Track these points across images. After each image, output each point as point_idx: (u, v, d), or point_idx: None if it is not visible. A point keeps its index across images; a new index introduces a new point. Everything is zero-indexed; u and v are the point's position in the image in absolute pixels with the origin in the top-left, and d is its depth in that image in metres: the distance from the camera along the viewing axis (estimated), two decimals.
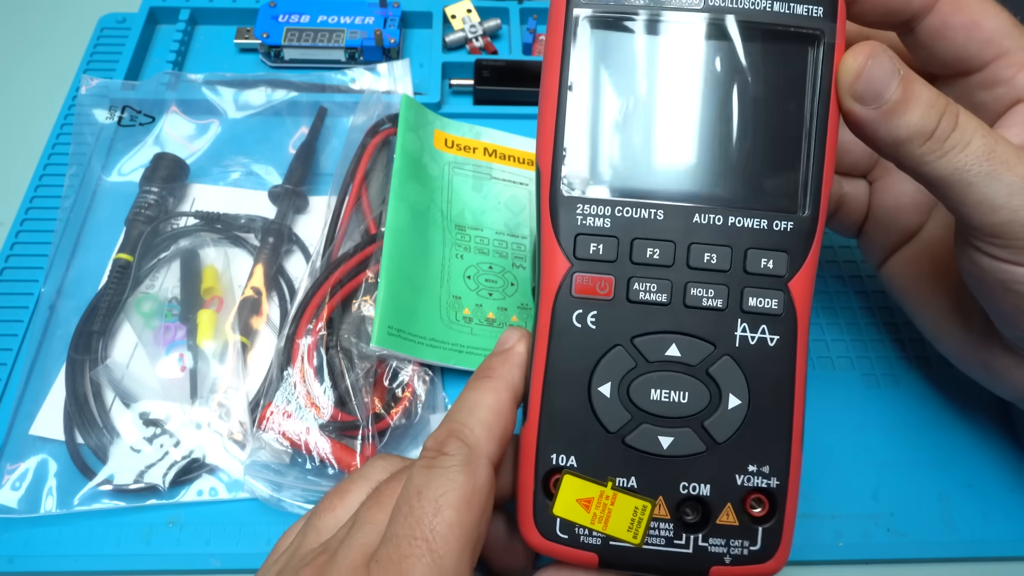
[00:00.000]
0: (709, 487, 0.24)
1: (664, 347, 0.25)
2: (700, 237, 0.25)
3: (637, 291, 0.25)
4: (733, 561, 0.24)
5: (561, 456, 0.25)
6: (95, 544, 0.32)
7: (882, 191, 0.34)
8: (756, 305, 0.25)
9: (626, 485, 0.25)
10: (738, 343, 0.25)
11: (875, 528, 0.33)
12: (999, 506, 0.34)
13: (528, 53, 0.50)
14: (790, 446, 0.25)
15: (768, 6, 0.25)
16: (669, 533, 0.24)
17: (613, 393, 0.25)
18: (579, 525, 0.25)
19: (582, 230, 0.25)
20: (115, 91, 0.46)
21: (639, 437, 0.25)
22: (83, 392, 0.35)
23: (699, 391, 0.25)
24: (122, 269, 0.38)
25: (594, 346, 0.25)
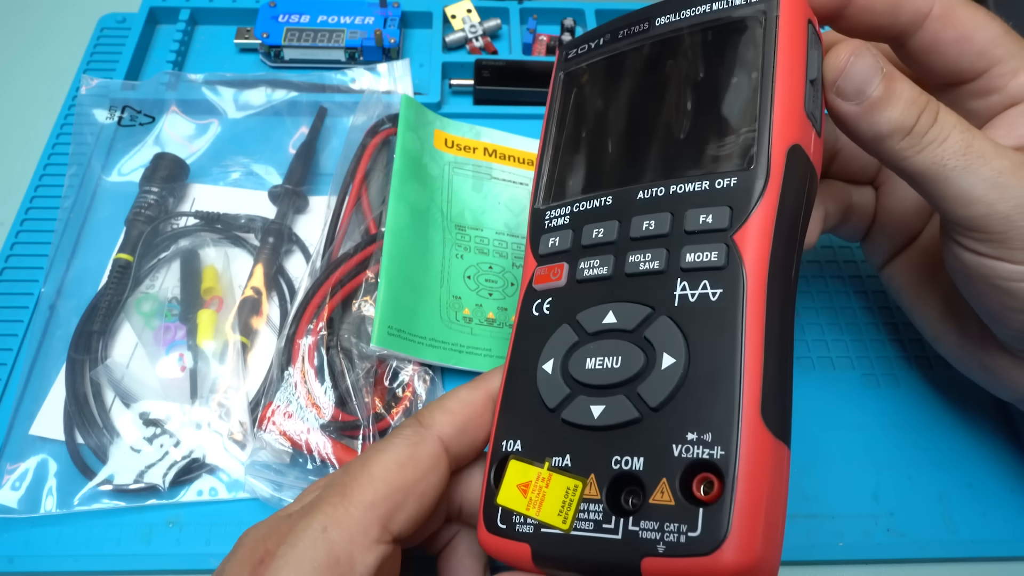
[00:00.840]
0: (642, 460, 0.21)
1: (601, 316, 0.24)
2: (641, 209, 0.25)
3: (582, 270, 0.25)
4: (668, 550, 0.20)
5: (509, 441, 0.24)
6: (95, 544, 0.32)
7: (887, 196, 0.34)
8: (694, 260, 0.23)
9: (561, 464, 0.23)
10: (677, 302, 0.23)
11: (875, 528, 0.33)
12: (999, 506, 0.34)
13: (528, 53, 0.50)
14: (737, 410, 0.21)
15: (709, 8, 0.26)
16: (598, 516, 0.21)
17: (555, 369, 0.24)
18: (516, 512, 0.23)
19: (545, 230, 0.27)
20: (115, 91, 0.46)
21: (573, 410, 0.23)
22: (83, 392, 0.35)
23: (633, 355, 0.23)
24: (122, 269, 0.38)
25: (546, 329, 0.25)
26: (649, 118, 0.26)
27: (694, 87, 0.26)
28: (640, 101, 0.27)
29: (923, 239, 0.34)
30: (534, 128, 0.46)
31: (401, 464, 0.23)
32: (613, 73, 0.28)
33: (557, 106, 0.29)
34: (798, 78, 0.24)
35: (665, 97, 0.26)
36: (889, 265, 0.35)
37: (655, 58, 0.27)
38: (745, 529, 0.20)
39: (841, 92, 0.25)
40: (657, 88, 0.27)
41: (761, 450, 0.20)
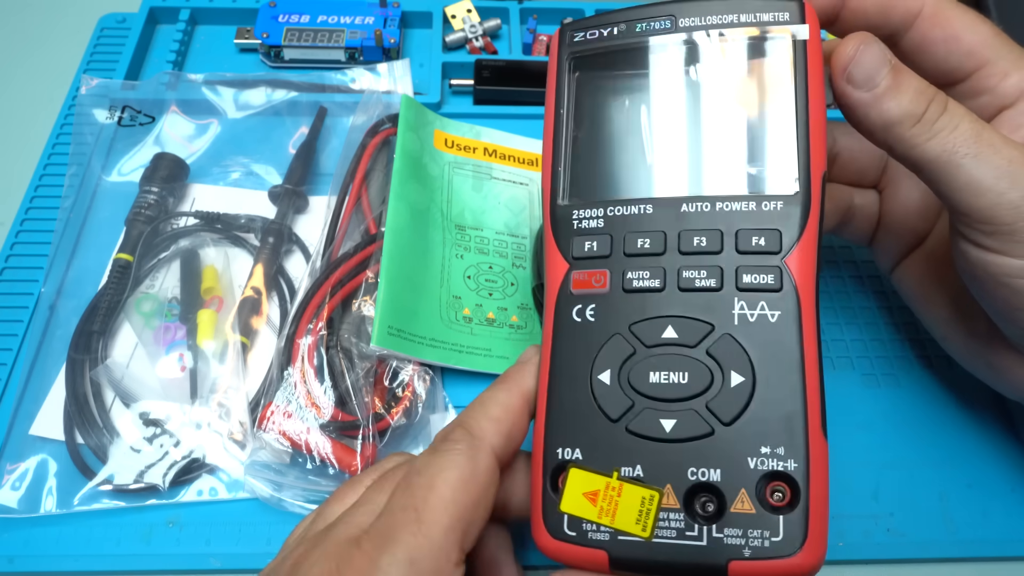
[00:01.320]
0: (719, 471, 0.23)
1: (660, 330, 0.24)
2: (689, 224, 0.25)
3: (631, 280, 0.25)
4: (753, 554, 0.22)
5: (567, 450, 0.24)
6: (95, 544, 0.32)
7: (891, 199, 0.34)
8: (752, 282, 0.24)
9: (632, 474, 0.24)
10: (737, 321, 0.24)
11: (875, 528, 0.33)
12: (999, 506, 0.34)
13: (528, 53, 0.50)
14: (806, 425, 0.23)
15: (737, 17, 0.26)
16: (680, 524, 0.23)
17: (613, 380, 0.24)
18: (586, 520, 0.24)
19: (578, 232, 0.26)
20: (115, 91, 0.46)
21: (641, 422, 0.24)
22: (83, 392, 0.35)
23: (699, 370, 0.24)
24: (122, 269, 0.38)
25: (594, 338, 0.25)
26: (684, 126, 0.27)
27: (728, 100, 0.26)
28: (673, 106, 0.27)
29: (930, 241, 0.34)
30: (534, 128, 0.46)
31: (465, 482, 0.23)
32: (636, 67, 0.28)
33: (567, 93, 0.28)
34: (823, 106, 0.26)
35: (700, 106, 0.27)
36: (899, 268, 0.35)
37: (684, 60, 0.27)
38: (817, 531, 0.22)
39: (852, 80, 0.25)
40: (692, 93, 0.27)
41: (822, 458, 0.23)
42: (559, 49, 0.29)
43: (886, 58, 0.25)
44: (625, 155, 0.27)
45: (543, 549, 0.24)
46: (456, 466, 0.23)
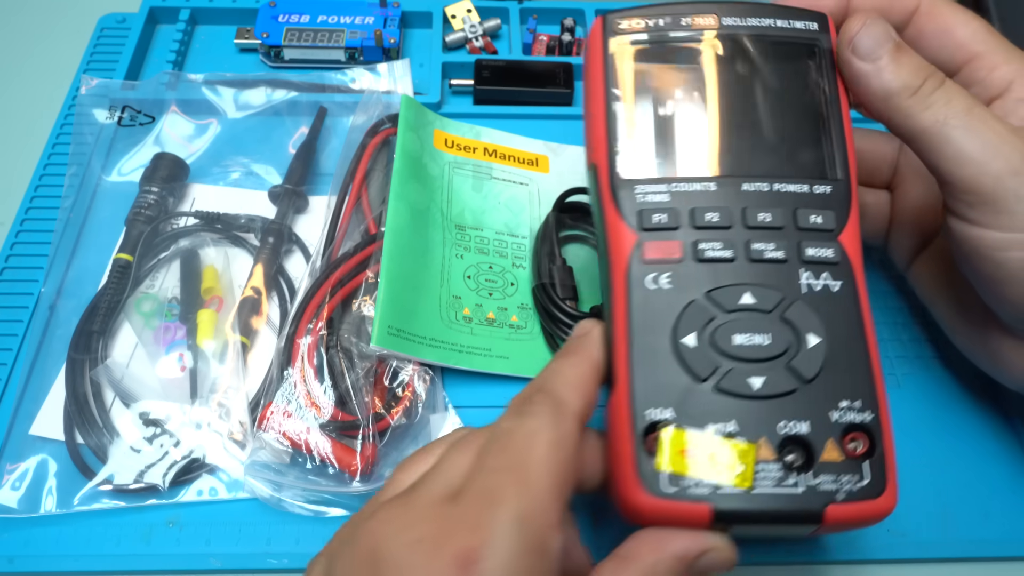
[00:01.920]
0: (807, 424, 0.25)
1: (738, 296, 0.26)
2: (752, 201, 0.28)
3: (703, 250, 0.27)
4: (847, 498, 0.24)
5: (657, 410, 0.25)
6: (95, 544, 0.32)
7: (902, 198, 0.36)
8: (814, 255, 0.27)
9: (726, 430, 0.25)
10: (804, 289, 0.27)
11: (875, 528, 0.33)
12: (999, 506, 0.34)
13: (528, 53, 0.50)
14: (875, 381, 0.26)
15: (773, 23, 0.30)
16: (778, 474, 0.24)
17: (699, 342, 0.26)
18: (686, 477, 0.24)
19: (643, 206, 0.28)
20: (115, 91, 0.46)
21: (731, 380, 0.25)
22: (83, 392, 0.35)
23: (780, 332, 0.26)
24: (122, 269, 0.38)
25: (672, 303, 0.27)
26: (738, 113, 0.29)
27: (772, 93, 0.29)
28: (726, 94, 0.29)
29: (940, 238, 0.35)
30: (534, 128, 0.46)
31: (559, 443, 0.23)
32: (690, 58, 0.30)
33: (615, 76, 0.30)
34: (848, 106, 0.29)
35: (749, 97, 0.29)
36: (912, 265, 0.36)
37: (729, 55, 0.29)
38: (893, 474, 0.25)
39: (857, 51, 0.28)
40: (740, 86, 0.29)
41: (887, 408, 0.26)
42: (603, 35, 0.30)
43: (890, 35, 0.28)
44: (683, 136, 0.29)
45: (638, 509, 0.25)
46: (548, 426, 0.23)
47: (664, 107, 0.29)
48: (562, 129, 0.47)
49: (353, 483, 0.32)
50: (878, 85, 0.28)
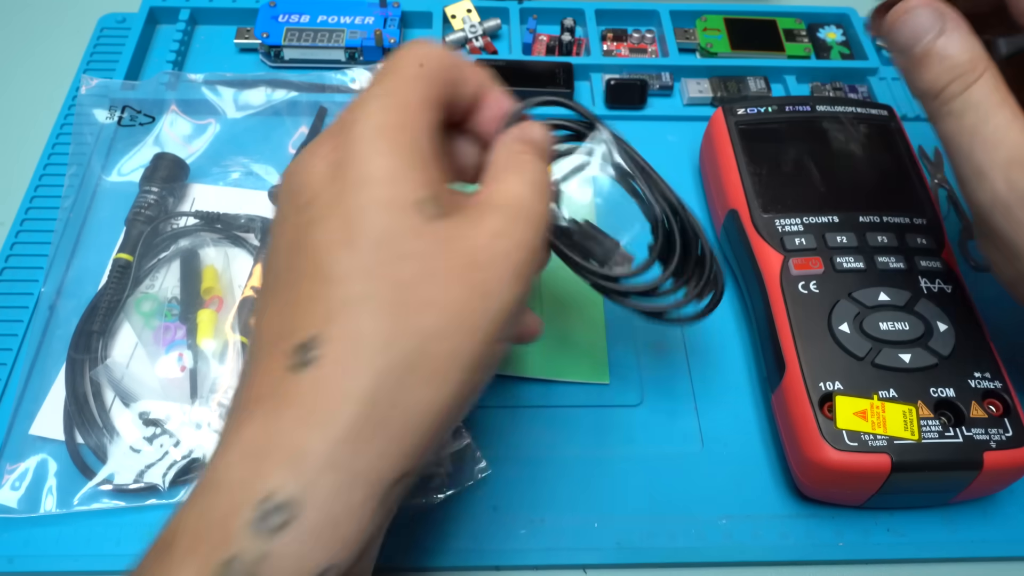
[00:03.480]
0: (952, 390, 0.31)
1: (876, 295, 0.34)
2: (870, 228, 0.36)
3: (840, 263, 0.35)
4: (999, 446, 0.30)
5: (828, 383, 0.31)
6: (95, 544, 0.32)
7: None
8: (927, 266, 0.35)
9: (888, 396, 0.31)
10: (926, 291, 0.34)
11: (875, 528, 0.33)
12: (999, 506, 0.34)
13: (528, 53, 0.50)
14: (996, 358, 0.32)
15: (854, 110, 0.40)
16: (939, 428, 0.30)
17: (852, 330, 0.33)
18: (863, 433, 0.30)
19: (785, 233, 0.36)
20: (115, 91, 0.46)
21: (885, 357, 0.32)
22: (83, 392, 0.35)
23: (914, 322, 0.33)
24: (122, 269, 0.38)
25: (823, 302, 0.34)
26: (843, 168, 0.38)
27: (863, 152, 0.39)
28: (830, 155, 0.39)
29: None
30: None
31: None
32: (796, 131, 0.40)
33: (742, 146, 0.39)
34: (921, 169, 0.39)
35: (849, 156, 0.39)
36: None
37: (827, 129, 0.40)
38: None
39: (893, 44, 0.27)
40: (840, 149, 0.39)
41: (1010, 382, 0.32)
42: (726, 118, 0.40)
43: (933, 23, 0.26)
44: (802, 184, 0.38)
45: (827, 463, 0.30)
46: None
47: (778, 166, 0.38)
48: None
49: None
50: (912, 82, 0.28)
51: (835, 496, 0.33)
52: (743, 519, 0.33)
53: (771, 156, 0.39)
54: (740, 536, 0.33)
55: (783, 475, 0.35)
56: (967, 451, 0.30)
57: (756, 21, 0.51)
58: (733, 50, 0.50)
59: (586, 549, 0.33)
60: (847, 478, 0.30)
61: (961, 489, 0.31)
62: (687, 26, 0.51)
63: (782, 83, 0.49)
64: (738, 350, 0.38)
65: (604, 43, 0.51)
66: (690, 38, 0.51)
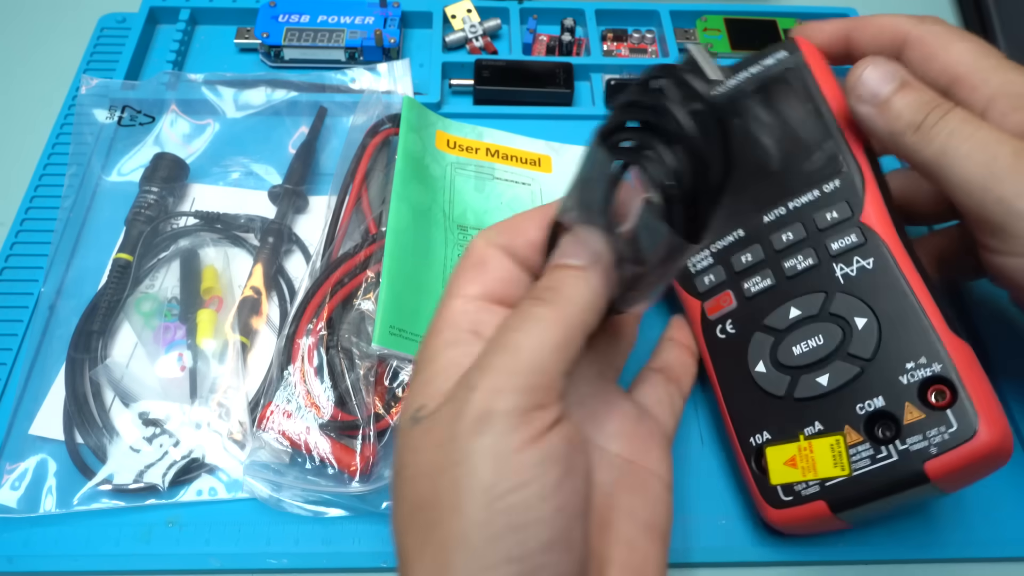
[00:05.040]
0: (881, 397, 0.27)
1: (786, 314, 0.30)
2: (774, 228, 0.31)
3: (748, 288, 0.31)
4: (940, 449, 0.26)
5: (756, 435, 0.29)
6: (95, 544, 0.32)
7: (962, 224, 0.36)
8: (839, 246, 0.30)
9: (814, 431, 0.28)
10: (842, 280, 0.29)
11: (875, 528, 0.33)
12: (999, 506, 0.34)
13: (528, 53, 0.50)
14: (934, 332, 0.27)
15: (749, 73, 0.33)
16: (870, 452, 0.27)
17: (768, 367, 0.30)
18: (796, 483, 0.28)
19: (696, 274, 0.33)
20: (115, 91, 0.45)
21: (803, 388, 0.29)
22: (83, 392, 0.35)
23: (829, 330, 0.29)
24: (122, 269, 0.38)
25: (738, 342, 0.31)
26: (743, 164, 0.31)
27: (767, 130, 0.32)
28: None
29: None
30: (534, 128, 0.46)
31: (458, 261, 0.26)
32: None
33: None
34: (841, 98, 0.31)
35: (748, 145, 0.32)
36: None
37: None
38: (987, 408, 0.26)
39: (859, 96, 0.29)
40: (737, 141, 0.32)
41: (963, 350, 0.27)
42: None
43: (893, 75, 0.29)
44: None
45: (773, 522, 0.29)
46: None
47: None
48: (563, 129, 0.47)
49: (352, 483, 0.32)
50: (883, 126, 0.29)
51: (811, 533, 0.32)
52: (743, 519, 0.33)
53: None
54: (740, 536, 0.33)
55: None
56: (904, 468, 0.26)
57: (756, 21, 0.51)
58: (733, 50, 0.50)
59: None
60: (800, 528, 0.29)
61: (928, 499, 0.29)
62: (687, 26, 0.52)
63: None
64: None
65: (604, 43, 0.51)
66: (690, 38, 0.51)
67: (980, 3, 0.53)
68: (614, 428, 0.27)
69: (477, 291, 0.25)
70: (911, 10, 0.33)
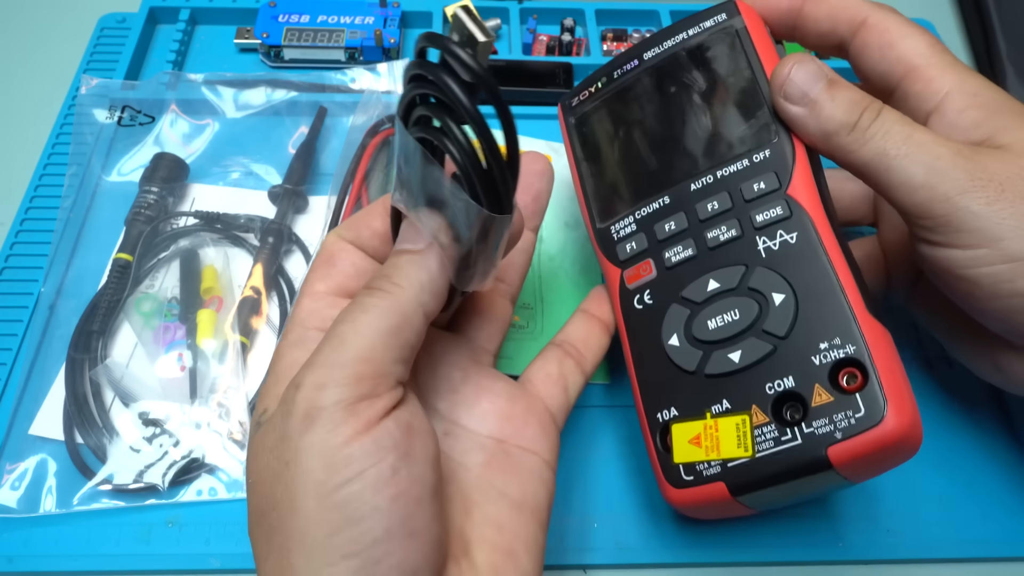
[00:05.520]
0: (791, 377, 0.26)
1: (704, 286, 0.28)
2: (700, 196, 0.30)
3: (669, 258, 0.30)
4: (844, 435, 0.24)
5: (663, 411, 0.28)
6: (94, 544, 0.32)
7: (887, 232, 0.36)
8: (764, 218, 0.28)
9: (721, 409, 0.27)
10: (764, 254, 0.28)
11: (875, 528, 0.33)
12: (999, 506, 0.34)
13: (528, 53, 0.50)
14: (851, 313, 0.26)
15: (686, 35, 0.31)
16: (775, 434, 0.25)
17: (681, 340, 0.28)
18: (698, 463, 0.27)
19: (619, 241, 0.31)
20: (115, 91, 0.46)
21: (714, 364, 0.27)
22: (83, 392, 0.35)
23: (746, 304, 0.27)
24: (122, 269, 0.38)
25: (654, 314, 0.29)
26: (673, 129, 0.31)
27: (700, 95, 0.31)
28: (659, 118, 0.32)
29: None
30: (534, 128, 0.46)
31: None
32: (623, 104, 0.33)
33: (579, 147, 0.34)
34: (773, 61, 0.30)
35: (680, 109, 0.31)
36: (911, 297, 0.35)
37: (657, 83, 0.32)
38: (897, 395, 0.24)
39: (788, 96, 0.28)
40: (670, 104, 0.31)
41: (880, 337, 0.26)
42: (564, 118, 0.35)
43: (821, 73, 0.28)
44: (633, 171, 0.32)
45: (673, 502, 0.28)
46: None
47: (613, 156, 0.32)
48: None
49: None
50: (815, 127, 0.28)
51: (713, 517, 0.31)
52: (742, 519, 0.33)
53: (604, 146, 0.33)
54: (739, 536, 0.33)
55: None
56: (806, 452, 0.25)
57: None
58: None
59: (586, 549, 0.33)
60: (699, 511, 0.28)
61: (833, 486, 0.27)
62: None
63: None
64: None
65: (604, 43, 0.51)
66: None
67: (980, 3, 0.54)
68: (484, 409, 0.27)
69: (326, 287, 0.25)
70: (909, 10, 0.33)
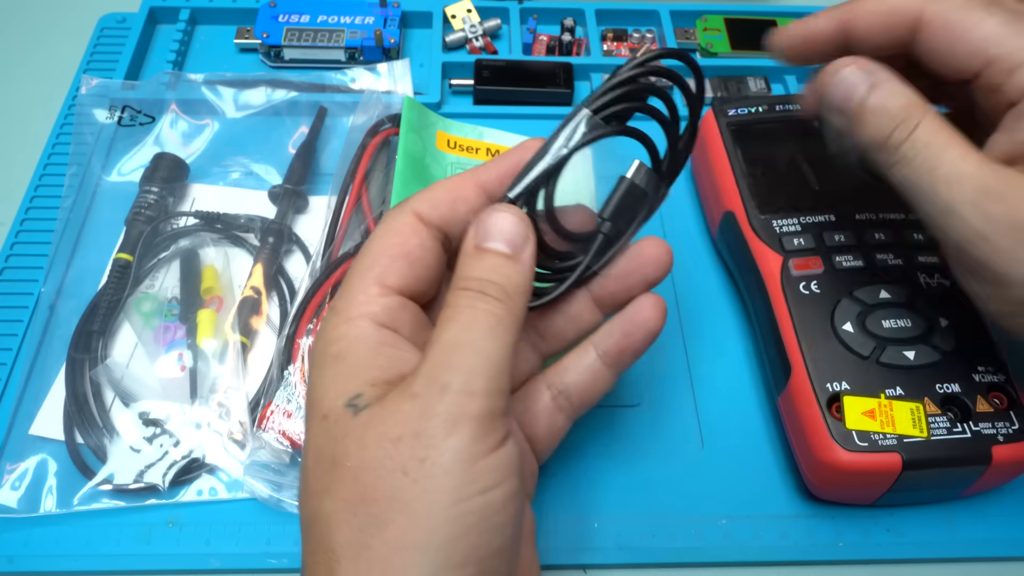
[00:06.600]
0: (958, 384, 0.31)
1: (877, 293, 0.33)
2: (868, 227, 0.35)
3: (840, 262, 0.34)
4: (1006, 440, 0.30)
5: (835, 383, 0.31)
6: (95, 544, 0.32)
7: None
8: (924, 262, 0.34)
9: (895, 394, 0.31)
10: (925, 287, 0.34)
11: (875, 528, 0.33)
12: (999, 506, 0.34)
13: (528, 53, 0.50)
14: (997, 351, 0.32)
15: None
16: (947, 424, 0.30)
17: (856, 328, 0.33)
18: (873, 432, 0.30)
19: (783, 234, 0.36)
20: (115, 91, 0.46)
21: (890, 355, 0.32)
22: (83, 392, 0.35)
23: (916, 319, 0.33)
24: (122, 269, 0.38)
25: (824, 302, 0.34)
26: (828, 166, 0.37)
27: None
28: (815, 153, 0.38)
29: None
30: (534, 128, 0.46)
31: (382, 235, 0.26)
32: (785, 132, 0.40)
33: (735, 147, 0.39)
34: None
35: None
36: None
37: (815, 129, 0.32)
38: None
39: (828, 106, 0.27)
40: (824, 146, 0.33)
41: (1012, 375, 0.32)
42: (716, 119, 0.40)
43: (861, 80, 0.26)
44: (795, 181, 0.38)
45: (838, 464, 0.30)
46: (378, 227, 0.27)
47: (775, 162, 0.38)
48: None
49: None
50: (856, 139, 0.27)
51: (845, 496, 0.33)
52: (743, 519, 0.33)
53: (764, 156, 0.39)
54: (740, 536, 0.33)
55: (783, 475, 0.35)
56: (976, 446, 0.30)
57: (756, 21, 0.51)
58: (733, 50, 0.50)
59: (586, 549, 0.33)
60: (859, 478, 0.30)
61: (969, 484, 0.31)
62: (687, 26, 0.52)
63: (782, 83, 0.49)
64: (738, 350, 0.38)
65: (604, 43, 0.51)
66: (690, 38, 0.51)
67: None
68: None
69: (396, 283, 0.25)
70: None
